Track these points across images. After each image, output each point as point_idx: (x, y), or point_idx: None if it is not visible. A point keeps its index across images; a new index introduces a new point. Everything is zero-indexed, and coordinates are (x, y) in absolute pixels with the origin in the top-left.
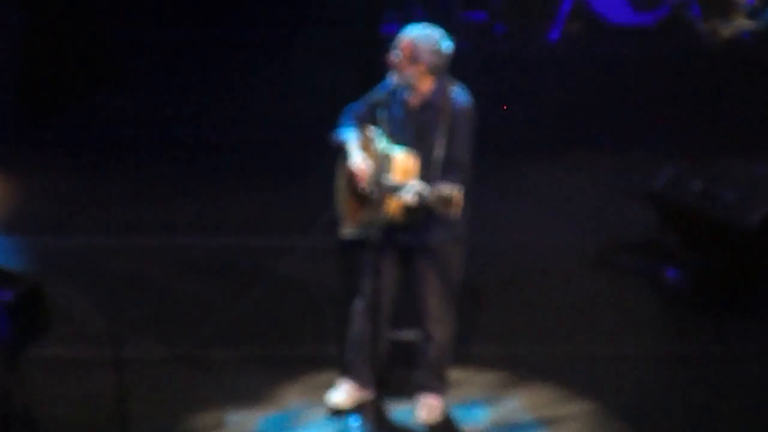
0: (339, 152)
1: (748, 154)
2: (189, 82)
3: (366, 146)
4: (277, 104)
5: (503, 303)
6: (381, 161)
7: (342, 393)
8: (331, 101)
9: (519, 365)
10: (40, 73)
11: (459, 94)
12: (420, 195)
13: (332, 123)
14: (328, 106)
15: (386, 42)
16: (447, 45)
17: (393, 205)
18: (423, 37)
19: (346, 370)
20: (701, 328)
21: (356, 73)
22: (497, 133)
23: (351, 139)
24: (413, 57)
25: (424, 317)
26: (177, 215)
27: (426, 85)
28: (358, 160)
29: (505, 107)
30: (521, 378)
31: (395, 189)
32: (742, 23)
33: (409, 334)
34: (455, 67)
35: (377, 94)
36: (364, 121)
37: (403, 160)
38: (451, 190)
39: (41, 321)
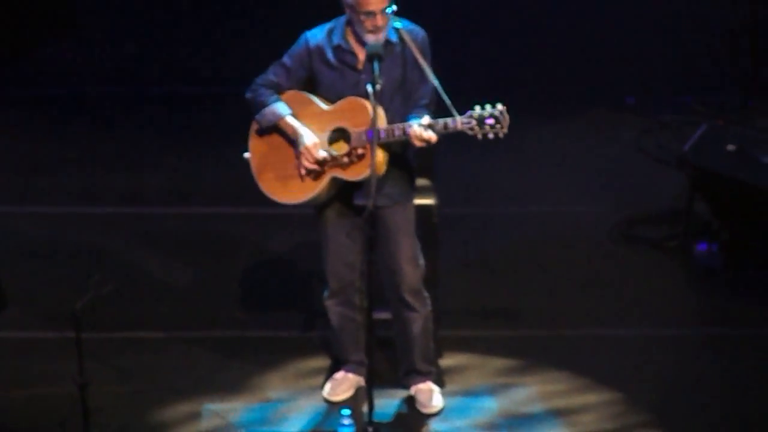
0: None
1: None
2: (155, 27)
3: (305, 113)
4: (263, 53)
5: (517, 280)
6: (341, 116)
7: (334, 383)
8: None
9: (532, 349)
10: None
11: (407, 25)
12: (445, 124)
13: None
14: None
15: None
16: None
17: (380, 157)
18: None
19: (335, 357)
20: (736, 308)
21: None
22: (509, 90)
23: (284, 112)
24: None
25: (401, 290)
26: (143, 180)
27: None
28: (305, 138)
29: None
30: (534, 364)
31: (395, 131)
32: None
33: (386, 314)
34: (462, 9)
35: (298, 53)
36: (291, 84)
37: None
38: (498, 110)
39: None
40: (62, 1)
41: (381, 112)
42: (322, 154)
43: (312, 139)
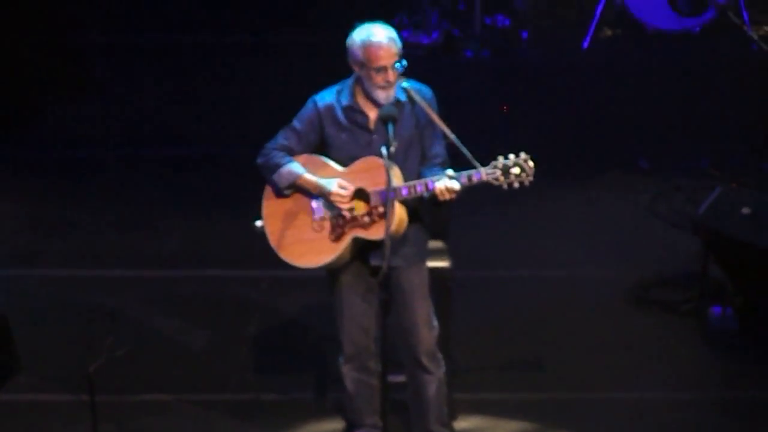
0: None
1: None
2: (170, 92)
3: (321, 175)
4: (277, 117)
5: (531, 343)
6: (358, 176)
7: None
8: None
9: (547, 412)
10: None
11: (414, 84)
12: (469, 176)
13: None
14: None
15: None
16: None
17: (399, 215)
18: (387, 33)
19: (349, 420)
20: (751, 371)
21: None
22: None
23: (298, 170)
24: (399, 54)
25: (416, 353)
26: (156, 243)
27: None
28: (333, 185)
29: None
30: (549, 427)
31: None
32: None
33: (400, 378)
34: (474, 76)
35: (308, 116)
36: (302, 148)
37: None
38: (523, 158)
39: (8, 363)
40: (75, 64)
41: (398, 171)
42: (350, 191)
43: (335, 182)
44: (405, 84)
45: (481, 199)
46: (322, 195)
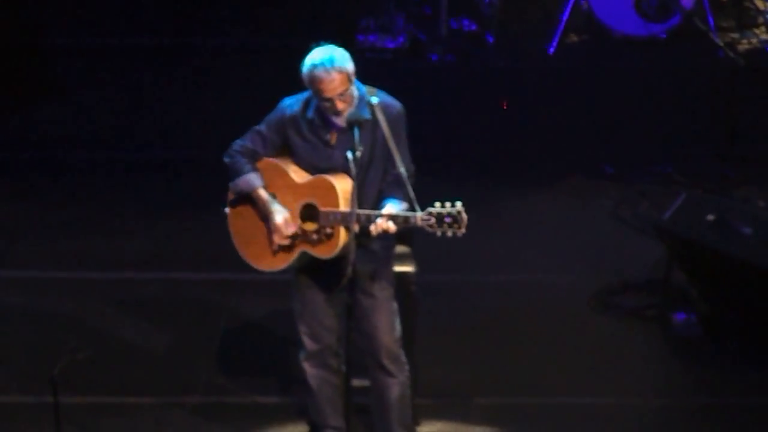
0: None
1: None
2: (138, 95)
3: (278, 184)
4: (241, 120)
5: (494, 348)
6: (312, 192)
7: None
8: None
9: (509, 417)
10: None
11: (384, 99)
12: (406, 219)
13: None
14: None
15: (362, 52)
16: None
17: (344, 240)
18: (340, 55)
19: (312, 423)
20: (714, 378)
21: None
22: (486, 158)
23: (256, 184)
24: (350, 79)
25: (378, 355)
26: (121, 246)
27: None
28: (277, 213)
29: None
30: None
31: (367, 218)
32: (762, 35)
33: (364, 381)
34: (441, 81)
35: (275, 122)
36: (267, 151)
37: (343, 186)
38: (456, 210)
39: None
40: (45, 67)
41: (346, 188)
42: (290, 231)
43: (282, 215)
44: (374, 99)
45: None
46: (268, 217)
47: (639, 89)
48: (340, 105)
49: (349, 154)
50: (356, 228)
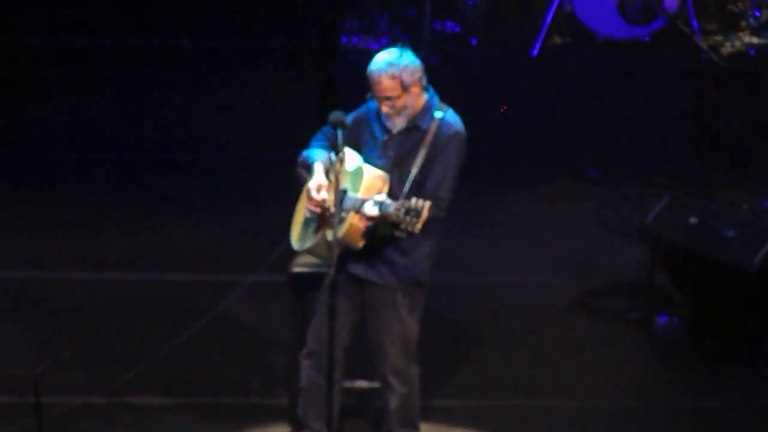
0: (300, 175)
1: (750, 184)
2: (121, 95)
3: (334, 167)
4: (224, 121)
5: (477, 349)
6: (349, 180)
7: None
8: (286, 118)
9: (493, 419)
10: None
11: (448, 118)
12: (381, 205)
13: (287, 142)
14: (283, 124)
15: (345, 53)
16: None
17: (353, 225)
18: (402, 62)
19: (298, 424)
20: (696, 380)
21: (314, 88)
22: (469, 161)
23: (316, 158)
24: (404, 86)
25: (382, 368)
26: (103, 246)
27: (419, 104)
28: (315, 178)
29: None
30: None
31: (359, 203)
32: (746, 38)
33: (363, 384)
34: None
35: (358, 114)
36: (347, 138)
37: (371, 179)
38: (419, 203)
39: None
40: (23, 65)
41: (371, 183)
42: (320, 196)
43: (318, 180)
44: (438, 114)
45: None
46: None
47: (622, 92)
48: (384, 108)
49: (332, 155)
50: (354, 218)
